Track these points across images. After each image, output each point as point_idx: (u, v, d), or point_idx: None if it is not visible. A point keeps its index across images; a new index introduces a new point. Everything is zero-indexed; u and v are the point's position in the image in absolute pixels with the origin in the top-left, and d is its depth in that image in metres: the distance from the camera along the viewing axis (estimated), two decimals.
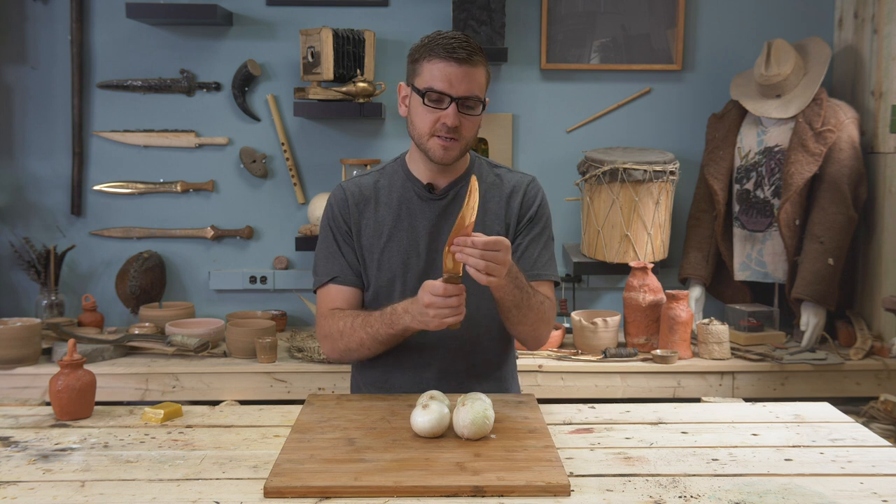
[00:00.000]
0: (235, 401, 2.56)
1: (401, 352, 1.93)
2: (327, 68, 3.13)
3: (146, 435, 1.69)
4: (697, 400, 2.58)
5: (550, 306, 1.94)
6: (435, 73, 1.80)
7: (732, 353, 2.98)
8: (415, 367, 1.95)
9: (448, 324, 1.71)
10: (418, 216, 1.93)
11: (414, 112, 1.86)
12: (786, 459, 1.57)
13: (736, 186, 3.19)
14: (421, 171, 1.94)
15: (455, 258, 1.66)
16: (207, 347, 2.92)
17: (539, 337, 1.95)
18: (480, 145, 3.36)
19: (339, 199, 1.97)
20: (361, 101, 3.14)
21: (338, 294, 1.95)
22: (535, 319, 1.88)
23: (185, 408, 1.84)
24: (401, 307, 1.80)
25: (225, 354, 2.98)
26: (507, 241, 1.67)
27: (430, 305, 1.69)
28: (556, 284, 2.00)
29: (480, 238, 1.64)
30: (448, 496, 1.39)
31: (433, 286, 1.69)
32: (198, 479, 1.46)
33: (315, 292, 2.01)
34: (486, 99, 1.90)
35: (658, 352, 2.92)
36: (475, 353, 1.96)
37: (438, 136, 1.83)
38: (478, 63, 1.82)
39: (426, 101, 1.82)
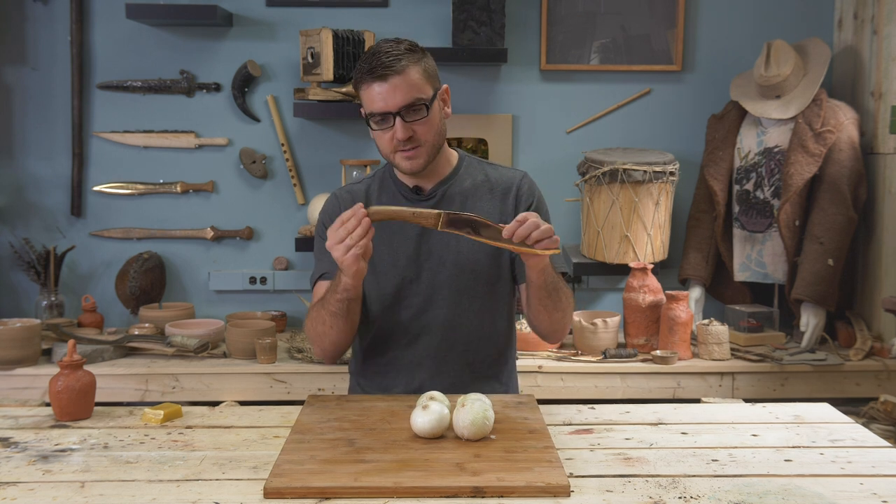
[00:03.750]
0: (235, 401, 2.55)
1: (394, 351, 1.96)
2: (327, 69, 3.13)
3: (146, 436, 1.69)
4: (697, 401, 2.57)
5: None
6: (370, 97, 1.83)
7: (732, 354, 2.97)
8: (408, 367, 1.96)
9: (353, 253, 1.70)
10: None
11: (374, 136, 1.89)
12: (786, 460, 1.57)
13: (736, 187, 3.19)
14: (406, 176, 1.96)
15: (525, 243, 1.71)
16: (207, 348, 2.92)
17: (568, 324, 1.98)
18: (480, 146, 3.36)
19: (331, 206, 2.01)
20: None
21: (324, 289, 1.96)
22: (567, 305, 1.93)
23: (184, 408, 1.84)
24: None
25: (225, 355, 2.98)
26: (529, 213, 1.72)
27: (330, 246, 1.73)
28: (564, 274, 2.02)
29: (521, 217, 1.70)
30: (448, 497, 1.39)
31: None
32: (197, 480, 1.46)
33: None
34: (443, 86, 1.90)
35: (658, 352, 2.92)
36: (468, 354, 1.97)
37: (400, 151, 1.86)
38: (403, 68, 1.81)
39: (372, 125, 1.86)
